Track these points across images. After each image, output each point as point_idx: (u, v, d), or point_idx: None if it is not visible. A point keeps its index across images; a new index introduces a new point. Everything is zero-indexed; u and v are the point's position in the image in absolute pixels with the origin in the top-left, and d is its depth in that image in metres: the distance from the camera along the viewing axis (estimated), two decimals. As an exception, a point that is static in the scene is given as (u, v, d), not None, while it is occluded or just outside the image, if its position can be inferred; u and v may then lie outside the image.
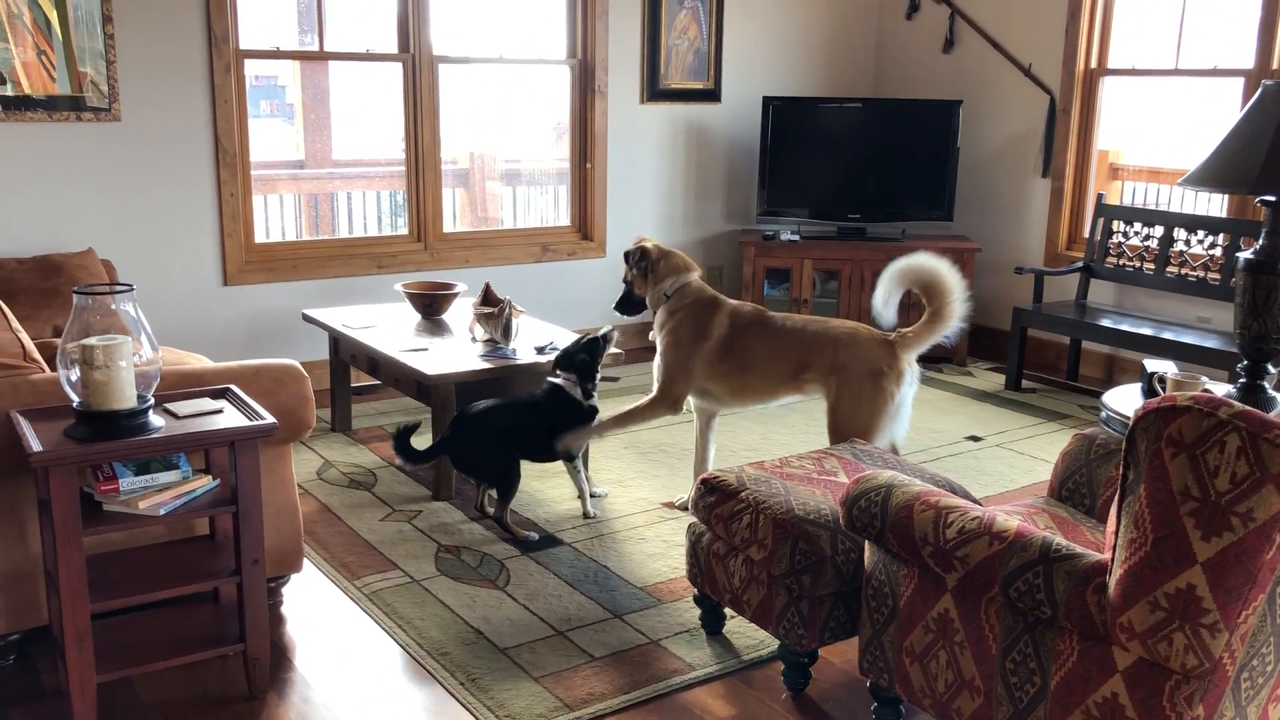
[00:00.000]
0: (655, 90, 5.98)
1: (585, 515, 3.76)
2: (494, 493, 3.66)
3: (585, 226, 5.99)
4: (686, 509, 3.76)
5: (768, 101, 6.02)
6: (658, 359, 3.75)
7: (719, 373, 3.66)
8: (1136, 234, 5.40)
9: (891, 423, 3.50)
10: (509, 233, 5.93)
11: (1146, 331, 4.99)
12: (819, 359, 3.55)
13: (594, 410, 3.70)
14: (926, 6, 6.39)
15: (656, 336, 3.79)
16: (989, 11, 6.09)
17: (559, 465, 3.84)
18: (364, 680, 2.79)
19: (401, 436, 3.61)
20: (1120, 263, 5.44)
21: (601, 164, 5.90)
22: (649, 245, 3.84)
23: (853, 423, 3.46)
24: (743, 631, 3.00)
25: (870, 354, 3.50)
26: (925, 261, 3.48)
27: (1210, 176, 3.08)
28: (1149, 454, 1.86)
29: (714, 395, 3.74)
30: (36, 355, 2.77)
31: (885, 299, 3.55)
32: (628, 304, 3.92)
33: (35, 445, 2.32)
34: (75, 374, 2.41)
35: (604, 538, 3.61)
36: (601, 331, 3.77)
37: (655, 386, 3.73)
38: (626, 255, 3.89)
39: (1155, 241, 5.32)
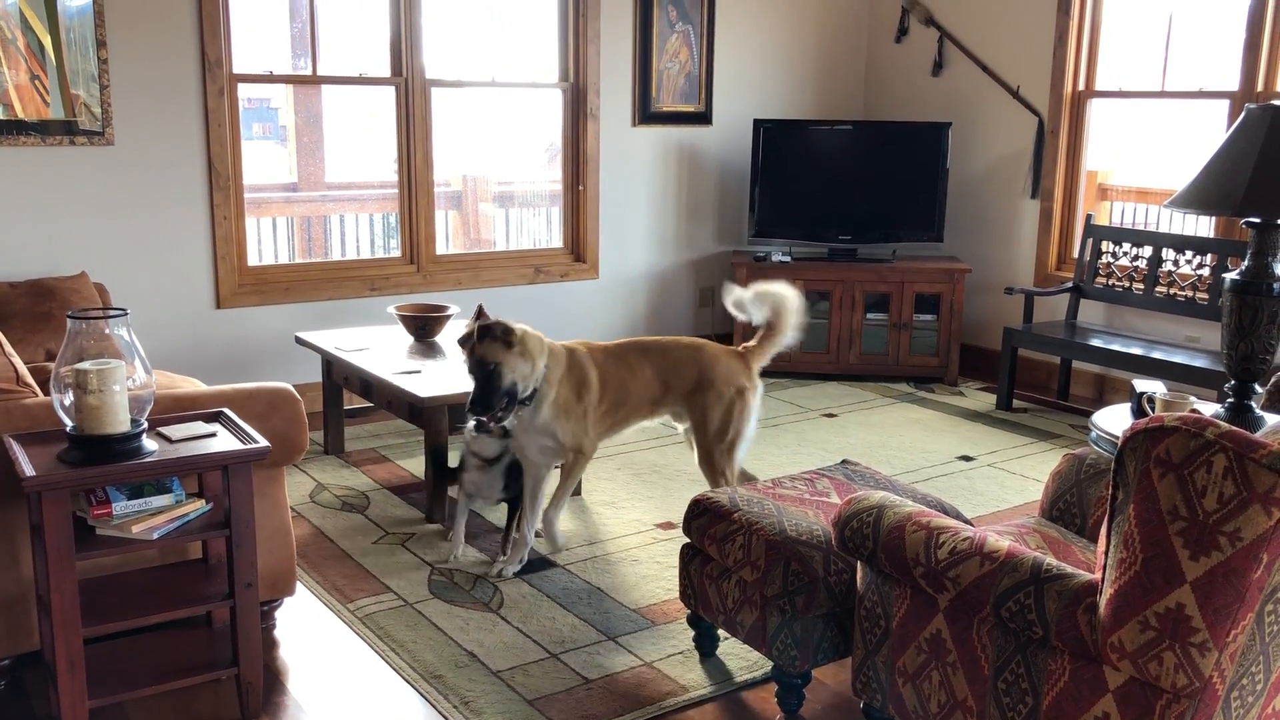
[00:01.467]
0: (647, 113, 6.02)
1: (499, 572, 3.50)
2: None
3: (578, 248, 6.01)
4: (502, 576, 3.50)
5: (759, 124, 6.06)
6: (564, 431, 3.44)
7: (601, 414, 3.54)
8: (1125, 254, 5.44)
9: (750, 434, 3.61)
10: (501, 255, 5.95)
11: (1136, 351, 5.02)
12: (679, 379, 3.57)
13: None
14: (915, 29, 6.45)
15: (541, 416, 3.41)
16: (977, 35, 6.15)
17: (548, 487, 3.84)
18: (357, 704, 2.79)
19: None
20: (1110, 283, 5.47)
21: (594, 186, 5.93)
22: (504, 322, 3.33)
23: (724, 438, 3.53)
24: (736, 653, 3.00)
25: (732, 369, 3.57)
26: (763, 286, 3.70)
27: (1196, 198, 3.11)
28: (1138, 474, 1.87)
29: (601, 435, 3.63)
30: (30, 379, 2.77)
31: (746, 308, 3.72)
32: (494, 395, 3.25)
33: (28, 470, 2.32)
34: (69, 398, 2.41)
35: (597, 560, 3.62)
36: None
37: (572, 447, 3.49)
38: (486, 331, 3.28)
39: (1144, 262, 5.35)
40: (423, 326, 4.53)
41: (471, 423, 3.49)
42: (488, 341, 3.26)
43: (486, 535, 3.80)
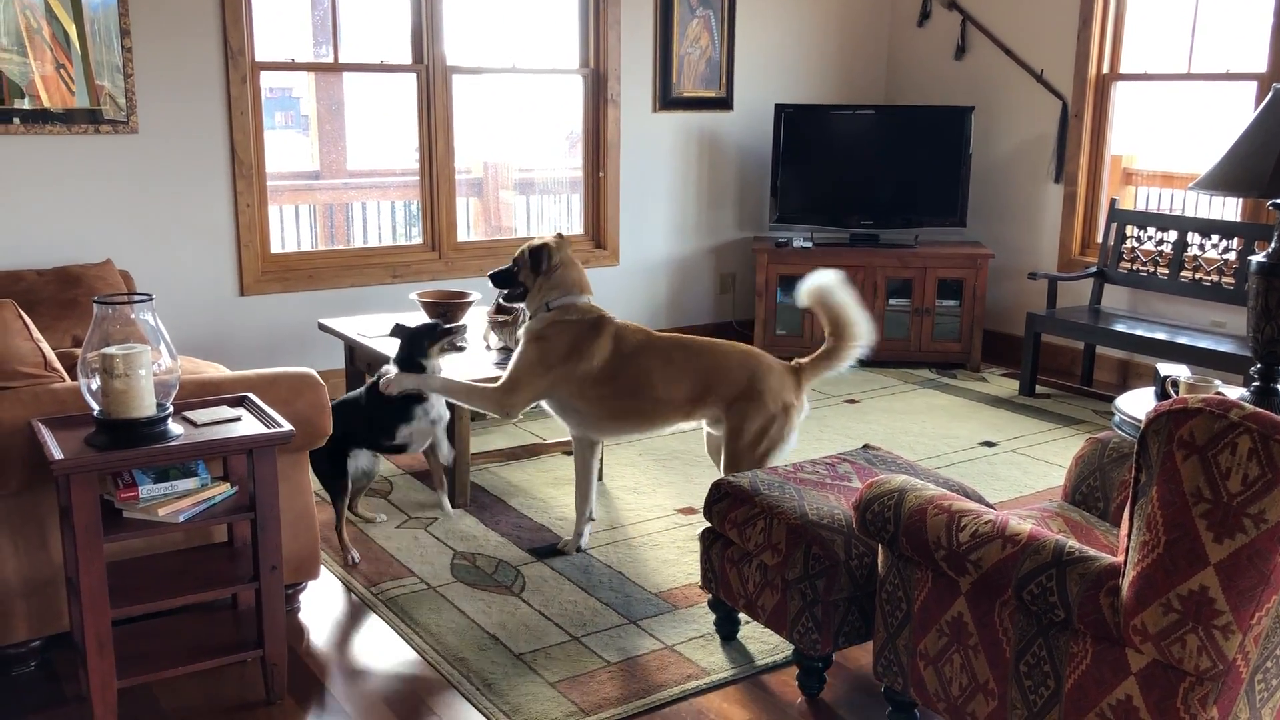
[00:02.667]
0: (667, 99, 6.01)
1: (441, 506, 3.75)
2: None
3: (598, 235, 6.01)
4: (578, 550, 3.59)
5: (780, 109, 6.03)
6: (514, 357, 3.44)
7: (597, 396, 3.40)
8: (1150, 238, 5.40)
9: (785, 454, 3.38)
10: (523, 241, 5.95)
11: (1161, 336, 4.98)
12: (726, 385, 3.35)
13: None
14: (938, 13, 6.40)
15: (520, 335, 3.52)
16: (1001, 18, 6.10)
17: (568, 472, 3.85)
18: (380, 685, 2.81)
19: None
20: (1134, 267, 5.43)
21: (614, 172, 5.93)
22: (553, 244, 3.50)
23: (755, 450, 3.31)
24: (757, 637, 3.01)
25: (782, 384, 3.35)
26: (832, 289, 3.35)
27: (1222, 180, 3.09)
28: (1161, 456, 1.86)
29: (589, 419, 3.48)
30: (57, 365, 2.80)
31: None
32: (505, 282, 3.56)
33: (56, 453, 2.35)
34: (95, 383, 2.44)
35: (619, 544, 3.63)
36: (447, 324, 3.56)
37: (501, 381, 3.43)
38: (534, 251, 3.50)
39: (1169, 246, 5.31)
40: (444, 313, 4.53)
41: (389, 368, 3.50)
42: (530, 259, 3.52)
43: (505, 518, 3.82)
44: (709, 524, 2.92)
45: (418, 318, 4.67)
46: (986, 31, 6.16)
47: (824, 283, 3.35)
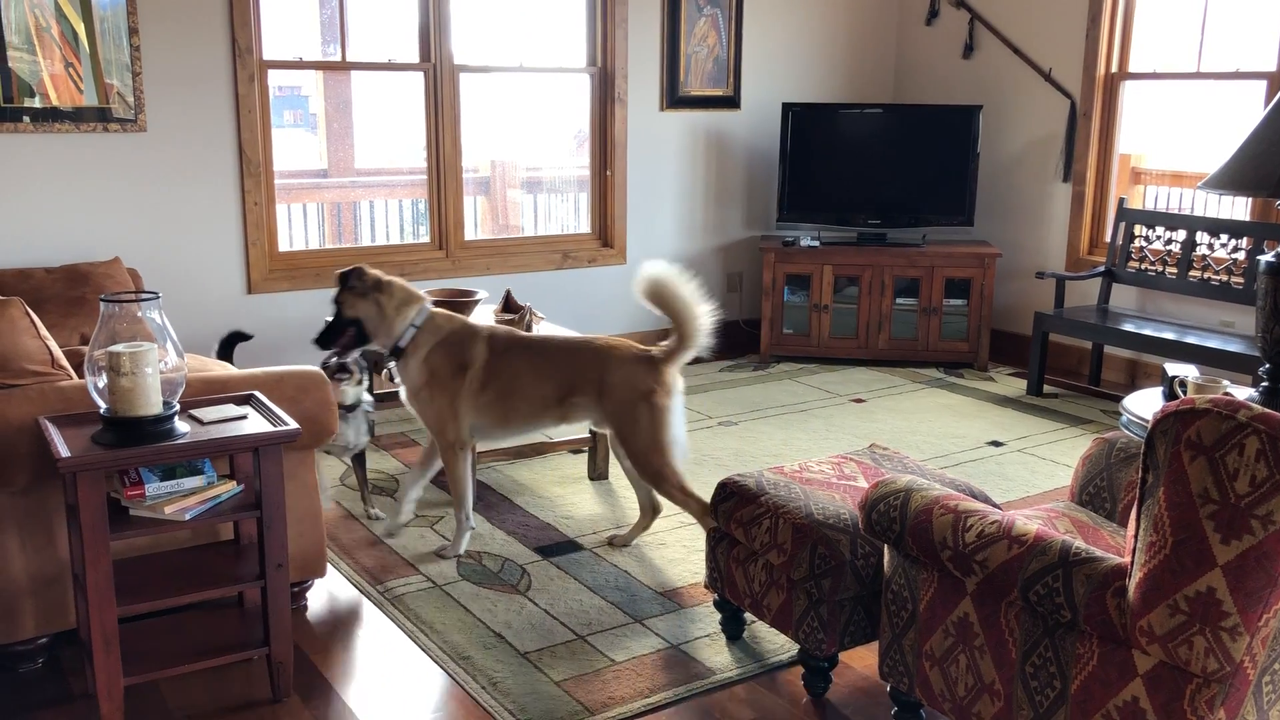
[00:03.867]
0: (675, 97, 6.01)
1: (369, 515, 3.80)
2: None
3: (605, 234, 6.01)
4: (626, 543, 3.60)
5: (787, 108, 6.03)
6: (424, 407, 3.42)
7: (483, 404, 3.40)
8: (1158, 238, 5.38)
9: (676, 435, 3.35)
10: (530, 240, 5.96)
11: (1169, 336, 4.97)
12: (585, 381, 3.35)
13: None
14: (946, 12, 6.39)
15: (407, 381, 3.43)
16: (1009, 17, 6.08)
17: (574, 470, 3.87)
18: (386, 684, 2.81)
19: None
20: (1142, 267, 5.42)
21: (621, 171, 5.93)
22: (369, 269, 3.45)
23: (654, 446, 3.29)
24: (763, 636, 3.01)
25: (637, 374, 3.32)
26: (665, 282, 3.30)
27: (1230, 179, 3.07)
28: (1168, 457, 1.85)
29: (481, 428, 3.47)
30: (64, 362, 2.81)
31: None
32: (335, 333, 3.40)
33: (63, 451, 2.36)
34: (102, 381, 2.44)
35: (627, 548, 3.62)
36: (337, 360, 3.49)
37: (431, 430, 3.46)
38: (343, 275, 3.41)
39: (1178, 245, 5.29)
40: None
41: (333, 362, 3.52)
42: (344, 285, 3.42)
43: (511, 516, 3.81)
44: (715, 523, 2.91)
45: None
46: (995, 30, 6.14)
47: (655, 275, 3.31)
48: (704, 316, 3.33)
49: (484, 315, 4.62)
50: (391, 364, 3.48)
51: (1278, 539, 1.76)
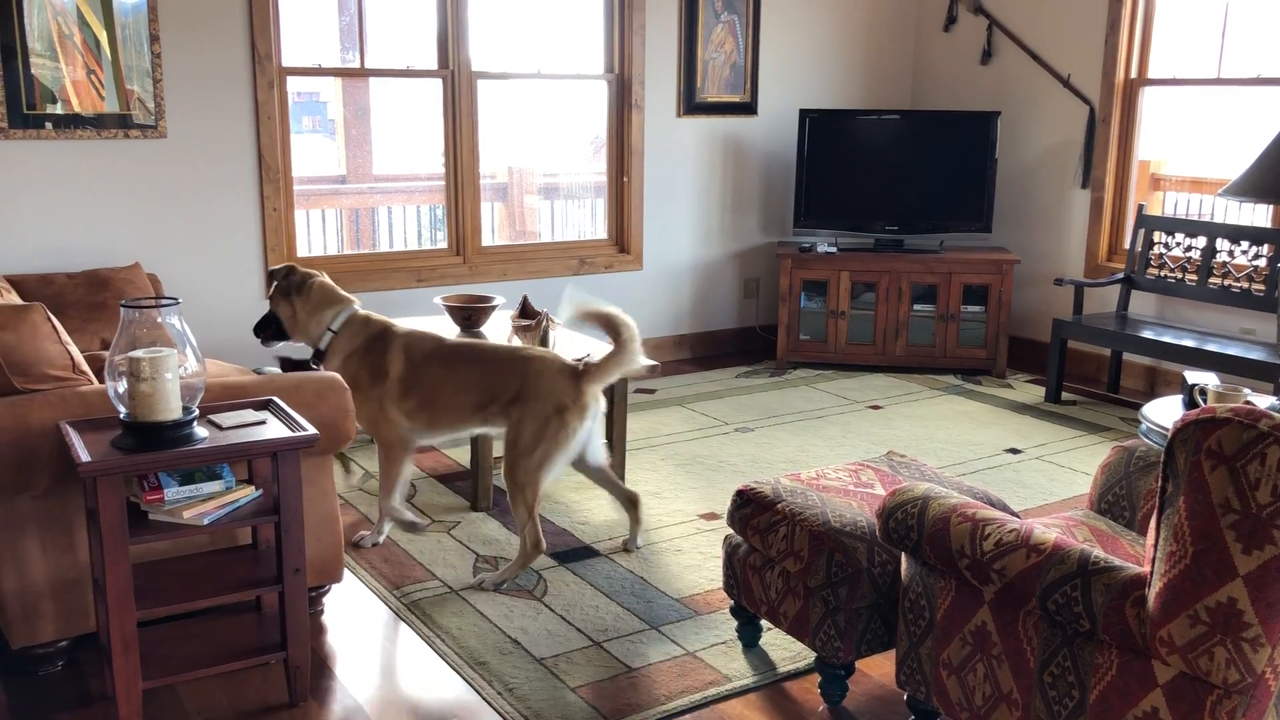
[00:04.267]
0: (692, 104, 6.01)
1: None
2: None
3: (622, 240, 6.02)
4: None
5: (804, 114, 6.02)
6: (355, 410, 3.30)
7: (407, 409, 3.46)
8: (1178, 245, 5.35)
9: (567, 459, 3.33)
10: (546, 246, 5.97)
11: (1189, 343, 4.93)
12: (503, 390, 3.33)
13: None
14: (964, 18, 6.38)
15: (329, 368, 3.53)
16: (1027, 23, 6.07)
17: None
18: (402, 688, 2.82)
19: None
20: (1162, 274, 5.39)
21: (638, 177, 5.93)
22: (296, 267, 3.61)
23: (530, 458, 3.26)
24: (779, 644, 3.00)
25: (555, 387, 3.28)
26: (589, 301, 3.32)
27: (1251, 186, 3.05)
28: (1188, 466, 1.84)
29: (413, 430, 3.52)
30: (85, 367, 2.82)
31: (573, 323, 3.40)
32: (264, 325, 3.63)
33: (84, 455, 2.37)
34: (122, 386, 2.46)
35: (641, 549, 3.62)
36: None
37: (364, 429, 3.54)
38: (272, 273, 3.62)
39: (1198, 252, 5.26)
40: (469, 317, 4.55)
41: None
42: (271, 281, 3.65)
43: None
44: (731, 530, 2.91)
45: (443, 322, 4.70)
46: (1013, 36, 6.12)
47: (578, 299, 3.33)
48: (630, 325, 3.32)
49: (501, 321, 4.63)
50: (316, 366, 3.55)
51: (1299, 549, 1.74)
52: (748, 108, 6.20)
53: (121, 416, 2.48)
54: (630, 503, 3.61)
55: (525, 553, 3.34)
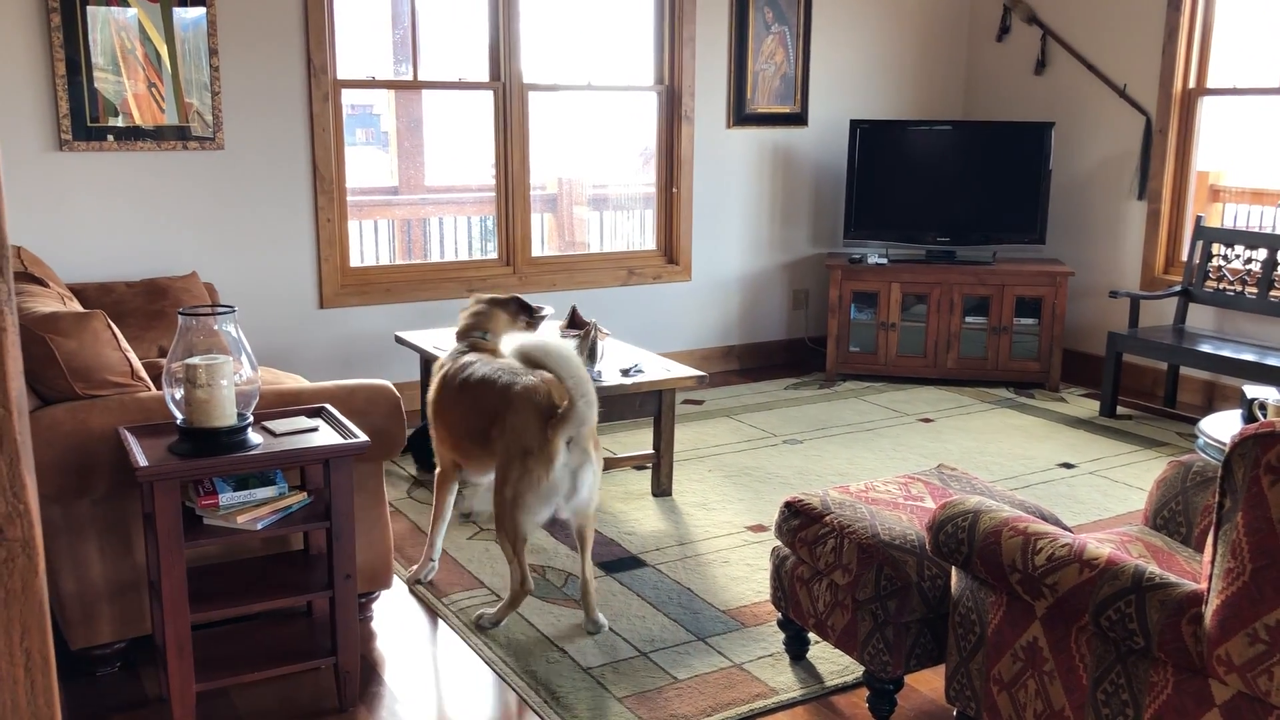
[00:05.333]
0: (742, 114, 6.01)
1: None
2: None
3: (671, 250, 6.02)
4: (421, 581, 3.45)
5: (855, 124, 6.00)
6: None
7: (439, 438, 3.34)
8: (1237, 257, 5.25)
9: (542, 505, 3.00)
10: (596, 256, 5.99)
11: (1248, 357, 4.84)
12: (493, 420, 3.05)
13: None
14: (1018, 28, 6.32)
15: None
16: (1082, 32, 6.00)
17: (638, 486, 3.86)
18: (450, 695, 2.84)
19: None
20: (1220, 286, 5.29)
21: (687, 188, 5.94)
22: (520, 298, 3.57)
23: (503, 495, 3.00)
24: (827, 657, 2.98)
25: (526, 426, 2.96)
26: (544, 353, 2.94)
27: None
28: (1246, 481, 1.81)
29: (455, 459, 3.37)
30: (143, 374, 2.88)
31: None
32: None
33: (141, 460, 2.42)
34: (179, 392, 2.50)
35: (688, 560, 3.62)
36: None
37: None
38: (522, 305, 3.51)
39: (1258, 265, 5.16)
40: (518, 327, 4.58)
41: None
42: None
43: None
44: (779, 542, 2.90)
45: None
46: (1067, 46, 6.06)
47: (526, 346, 3.00)
48: (583, 384, 2.91)
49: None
50: None
51: (1363, 567, 1.70)
52: (798, 118, 6.18)
53: (178, 422, 2.52)
54: (584, 587, 3.20)
55: (514, 592, 3.11)
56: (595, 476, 3.07)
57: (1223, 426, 3.32)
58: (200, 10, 4.60)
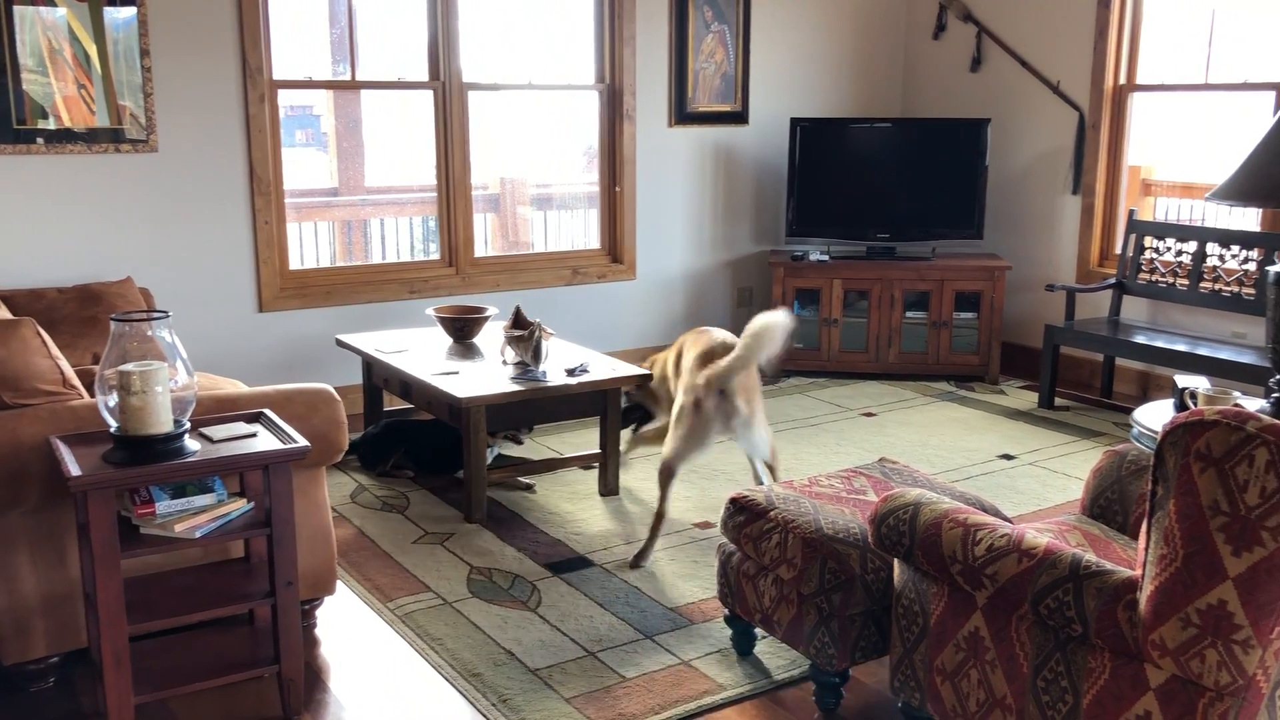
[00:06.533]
0: (683, 113, 6.02)
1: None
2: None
3: (615, 249, 6.02)
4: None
5: (795, 122, 6.04)
6: None
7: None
8: (1169, 249, 5.36)
9: (697, 449, 3.62)
10: (539, 256, 5.98)
11: (1181, 348, 4.94)
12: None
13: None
14: (954, 26, 6.40)
15: None
16: (1016, 30, 6.09)
17: (584, 486, 3.86)
18: (396, 701, 2.81)
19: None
20: (1153, 279, 5.40)
21: (630, 187, 5.94)
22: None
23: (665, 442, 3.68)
24: (774, 652, 3.00)
25: (691, 381, 3.62)
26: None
27: (1237, 190, 3.07)
28: (1178, 469, 1.85)
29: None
30: (76, 382, 2.82)
31: None
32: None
33: (74, 470, 2.37)
34: (113, 400, 2.45)
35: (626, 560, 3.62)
36: None
37: None
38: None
39: (1188, 257, 5.27)
40: (461, 328, 4.56)
41: None
42: None
43: (522, 533, 3.82)
44: (725, 538, 2.91)
45: (435, 333, 4.70)
46: (1002, 43, 6.15)
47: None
48: (742, 344, 3.51)
49: (494, 332, 4.63)
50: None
51: (1289, 551, 1.75)
52: (739, 117, 6.21)
53: (112, 430, 2.48)
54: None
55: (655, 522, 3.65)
56: (747, 424, 3.59)
57: (1156, 416, 3.39)
58: (131, 10, 4.51)
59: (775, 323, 3.40)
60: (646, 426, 4.16)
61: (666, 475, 3.61)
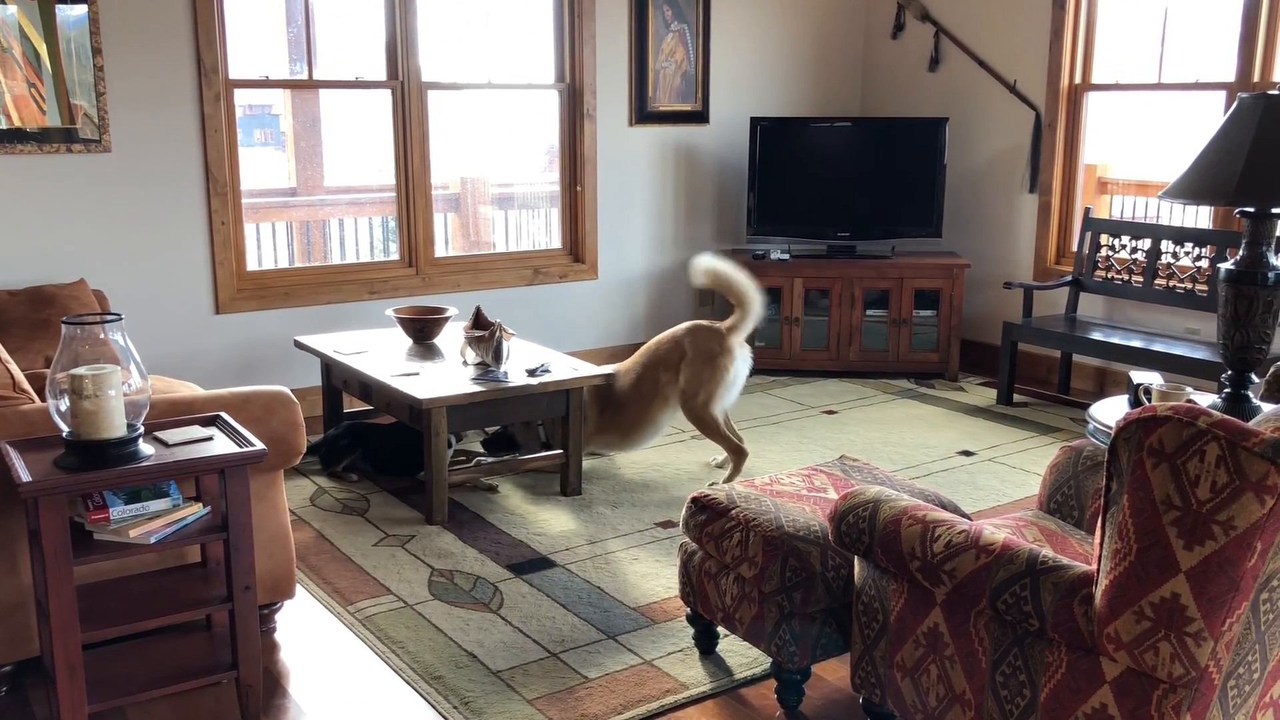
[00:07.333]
0: (644, 113, 6.02)
1: None
2: None
3: (576, 249, 6.01)
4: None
5: (755, 122, 6.06)
6: None
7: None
8: (1124, 247, 5.43)
9: (731, 392, 4.33)
10: (500, 256, 5.95)
11: (1136, 344, 5.01)
12: (666, 365, 4.32)
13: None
14: (912, 26, 6.44)
15: None
16: (973, 30, 6.14)
17: (545, 487, 3.85)
18: (357, 705, 2.79)
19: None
20: (1109, 276, 5.47)
21: (591, 187, 5.93)
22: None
23: (694, 402, 4.26)
24: (736, 650, 3.00)
25: (710, 340, 4.32)
26: (717, 266, 4.30)
27: (1189, 189, 3.11)
28: (1131, 464, 1.87)
29: None
30: (26, 386, 2.77)
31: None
32: None
33: (24, 475, 2.33)
34: (64, 404, 2.41)
35: (597, 559, 3.62)
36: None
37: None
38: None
39: (1143, 254, 5.35)
40: (421, 329, 4.53)
41: None
42: None
43: (483, 534, 3.80)
44: (686, 537, 2.91)
45: (395, 334, 4.67)
46: (959, 43, 6.20)
47: (709, 264, 4.30)
48: (754, 291, 4.35)
49: (454, 332, 4.61)
50: None
51: (1239, 544, 1.77)
52: (699, 116, 6.22)
53: (64, 435, 2.43)
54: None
55: (735, 462, 4.34)
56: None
57: (1111, 412, 3.43)
58: (82, 8, 4.44)
59: (717, 262, 4.29)
60: (529, 456, 4.29)
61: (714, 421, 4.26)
